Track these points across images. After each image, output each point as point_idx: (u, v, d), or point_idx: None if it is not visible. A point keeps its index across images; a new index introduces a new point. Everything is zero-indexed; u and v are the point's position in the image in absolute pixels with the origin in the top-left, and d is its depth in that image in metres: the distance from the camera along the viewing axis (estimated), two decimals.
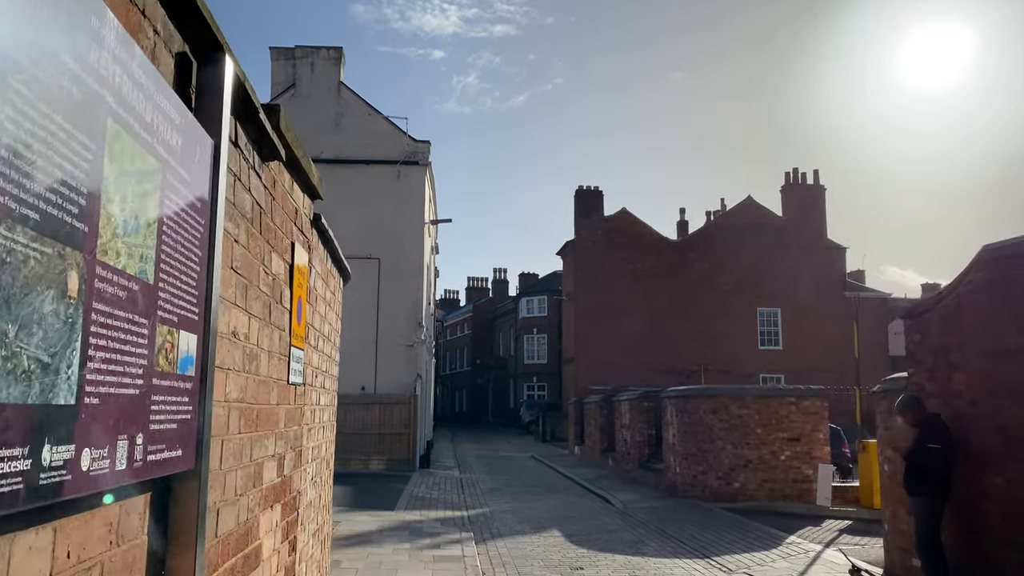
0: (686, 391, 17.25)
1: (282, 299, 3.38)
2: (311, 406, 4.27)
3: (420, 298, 24.63)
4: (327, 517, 5.25)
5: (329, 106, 25.13)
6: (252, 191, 2.81)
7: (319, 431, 4.63)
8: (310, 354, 4.18)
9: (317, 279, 4.36)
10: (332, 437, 5.41)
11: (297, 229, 3.74)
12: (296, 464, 3.81)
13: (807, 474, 15.45)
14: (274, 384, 3.24)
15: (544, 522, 13.64)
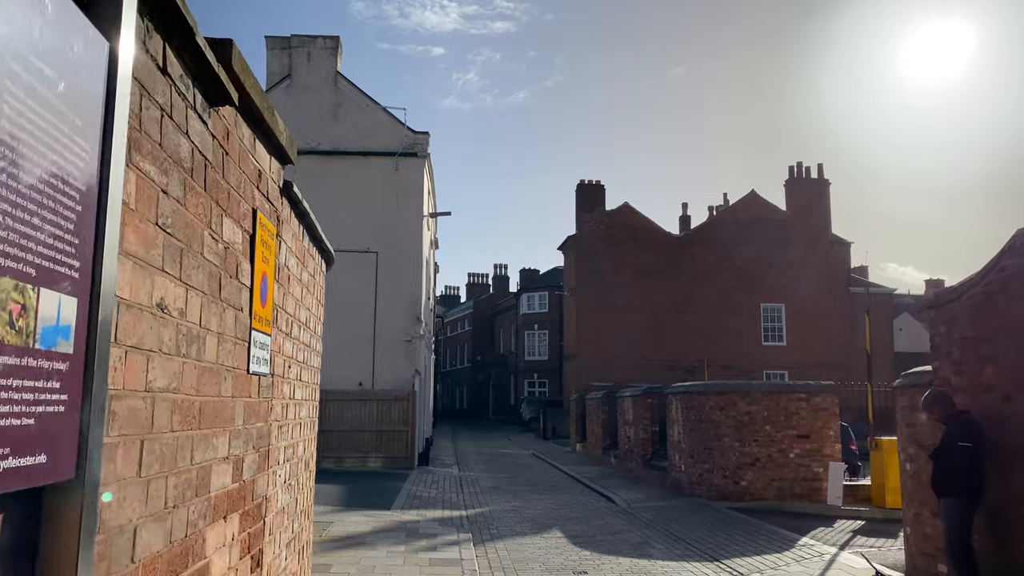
0: (692, 387, 16.75)
1: (238, 273, 2.88)
2: (283, 400, 3.76)
3: (419, 292, 24.13)
4: (306, 523, 4.75)
5: (326, 97, 24.60)
6: (192, 136, 2.31)
7: (294, 429, 4.13)
8: (280, 341, 3.68)
9: (290, 257, 3.86)
10: (312, 435, 4.91)
11: (261, 195, 3.23)
12: (261, 466, 3.30)
13: (817, 472, 14.95)
14: (228, 373, 2.74)
15: (545, 522, 13.15)
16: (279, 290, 3.61)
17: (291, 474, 4.10)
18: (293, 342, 4.04)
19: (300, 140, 23.76)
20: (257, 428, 3.22)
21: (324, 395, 21.94)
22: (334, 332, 23.08)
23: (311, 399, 4.80)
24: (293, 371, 4.07)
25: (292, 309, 3.97)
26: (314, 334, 4.81)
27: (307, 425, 4.62)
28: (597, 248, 41.22)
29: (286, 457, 3.93)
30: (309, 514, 4.87)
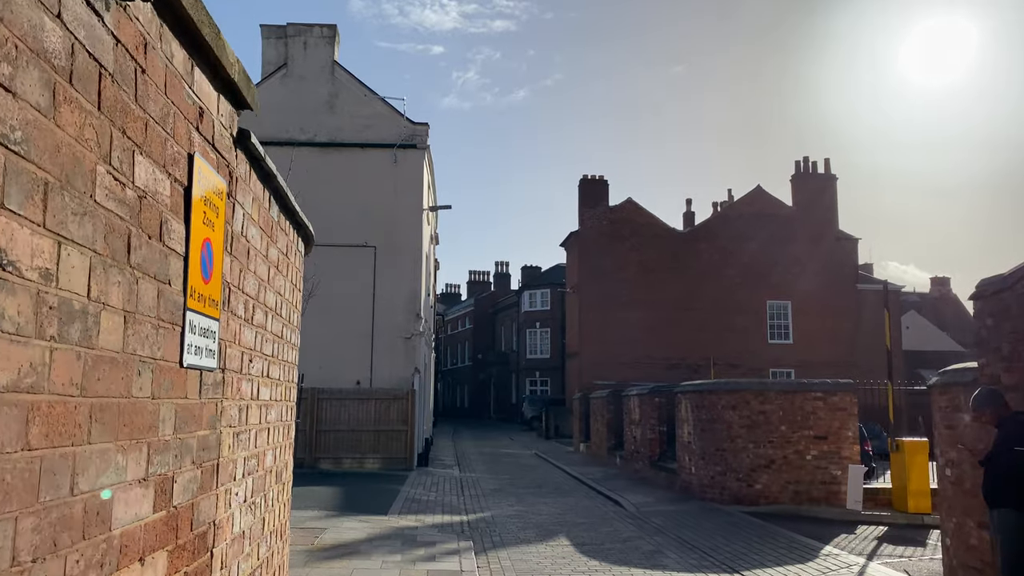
0: (702, 385, 16.05)
1: (164, 235, 2.18)
2: (240, 401, 3.06)
3: (418, 288, 23.43)
4: (279, 545, 4.05)
5: (323, 87, 23.89)
6: (70, 24, 1.61)
7: (259, 435, 3.43)
8: (236, 328, 2.98)
9: (250, 226, 3.16)
10: (287, 442, 4.21)
11: (203, 140, 2.53)
12: (206, 485, 2.60)
13: (835, 475, 14.25)
14: (144, 366, 2.04)
15: (551, 528, 12.45)
16: (233, 265, 2.90)
17: (255, 490, 3.40)
18: (256, 331, 3.34)
19: (296, 131, 23.11)
20: (198, 437, 2.52)
21: (320, 394, 21.39)
22: (331, 329, 22.47)
23: (285, 399, 4.10)
24: (257, 366, 3.37)
25: (254, 291, 3.27)
26: (288, 324, 4.11)
27: (279, 430, 3.92)
28: (600, 244, 40.51)
29: (247, 470, 3.23)
30: (283, 533, 4.17)
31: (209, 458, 2.64)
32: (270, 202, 3.53)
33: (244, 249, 3.07)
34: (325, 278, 20.26)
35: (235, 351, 2.97)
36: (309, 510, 13.10)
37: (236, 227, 2.94)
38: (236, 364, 2.99)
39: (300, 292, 4.58)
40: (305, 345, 20.84)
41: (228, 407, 2.88)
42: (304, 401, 20.59)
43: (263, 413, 3.53)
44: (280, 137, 22.29)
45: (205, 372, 2.59)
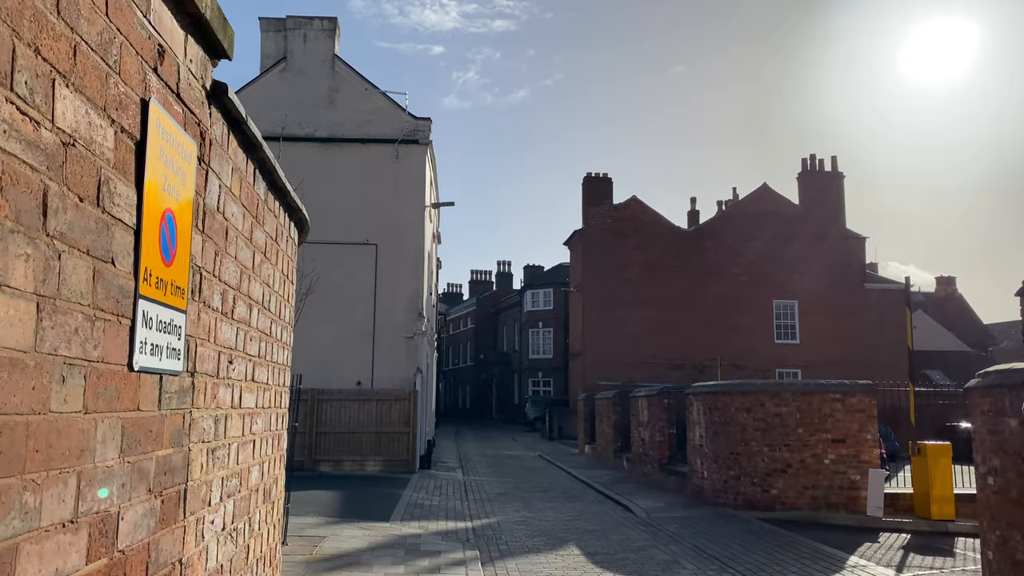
0: (715, 386, 15.53)
1: (105, 197, 1.66)
2: (216, 411, 2.55)
3: (420, 286, 22.91)
4: (268, 572, 3.53)
5: (323, 81, 23.38)
6: None
7: (241, 450, 2.91)
8: (211, 323, 2.47)
9: (229, 202, 2.64)
10: (278, 454, 3.70)
11: (163, 86, 2.01)
12: (168, 518, 2.09)
13: (854, 480, 13.73)
14: (73, 372, 1.53)
15: (560, 536, 11.94)
16: (206, 246, 2.39)
17: (237, 514, 2.89)
18: (238, 327, 2.82)
19: (295, 127, 22.61)
20: (157, 459, 2.01)
21: (320, 394, 20.86)
22: (331, 328, 21.95)
23: (274, 407, 3.58)
24: (239, 368, 2.86)
25: (235, 279, 2.76)
26: (277, 320, 3.59)
27: (267, 442, 3.41)
28: (604, 243, 39.99)
29: (226, 492, 2.71)
30: (273, 559, 3.65)
31: (173, 483, 2.13)
32: (255, 176, 3.01)
33: (221, 228, 2.55)
34: (325, 276, 19.74)
35: (209, 351, 2.46)
36: (308, 516, 12.59)
37: (210, 200, 2.42)
38: (211, 366, 2.48)
39: (293, 285, 4.06)
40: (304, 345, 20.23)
41: (200, 419, 2.36)
42: (304, 402, 20.07)
43: (247, 424, 3.02)
44: (279, 132, 21.78)
45: (167, 377, 2.08)
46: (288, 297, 3.91)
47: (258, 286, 3.13)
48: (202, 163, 2.33)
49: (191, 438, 2.28)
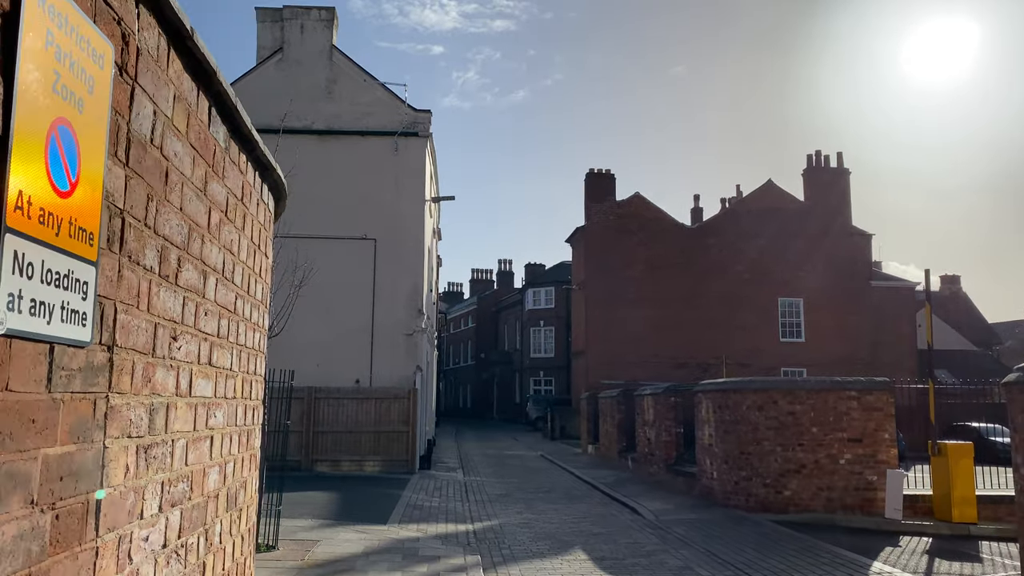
0: (725, 384, 14.98)
1: None
2: (153, 399, 2.01)
3: (420, 282, 22.38)
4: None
5: (320, 72, 22.85)
6: None
7: (192, 448, 2.38)
8: (141, 286, 1.93)
9: (169, 136, 2.10)
10: (247, 454, 3.16)
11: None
12: (68, 539, 1.56)
13: (871, 481, 13.18)
14: None
15: (565, 539, 11.40)
16: (133, 186, 1.86)
17: (187, 527, 2.35)
18: (186, 296, 2.29)
19: (293, 119, 21.98)
20: (47, 459, 1.47)
21: (317, 393, 20.31)
22: (329, 325, 21.42)
23: (241, 396, 3.04)
24: (188, 349, 2.32)
25: (180, 236, 2.22)
26: (245, 295, 3.05)
27: (231, 438, 2.87)
28: (607, 240, 39.43)
29: (169, 501, 2.18)
30: (242, 574, 3.10)
31: (75, 492, 1.60)
32: (210, 115, 2.48)
33: (157, 167, 2.02)
34: (322, 272, 19.19)
35: (140, 321, 1.92)
36: (302, 519, 12.05)
37: (140, 128, 1.89)
38: (142, 341, 1.94)
39: (268, 259, 3.53)
40: (301, 342, 19.77)
41: (124, 407, 1.83)
42: (300, 400, 19.55)
43: (201, 416, 2.48)
44: (275, 124, 21.23)
45: (64, 349, 1.54)
46: (261, 272, 3.37)
47: (216, 251, 2.59)
48: (125, 75, 1.79)
49: (108, 432, 1.75)
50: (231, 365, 2.85)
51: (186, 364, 2.31)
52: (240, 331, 2.98)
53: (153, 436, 2.04)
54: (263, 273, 3.40)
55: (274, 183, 3.48)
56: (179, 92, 2.17)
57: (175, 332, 2.20)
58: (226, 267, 2.74)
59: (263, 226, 3.35)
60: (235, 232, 2.84)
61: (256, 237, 3.22)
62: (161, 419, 2.10)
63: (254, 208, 3.14)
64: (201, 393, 2.48)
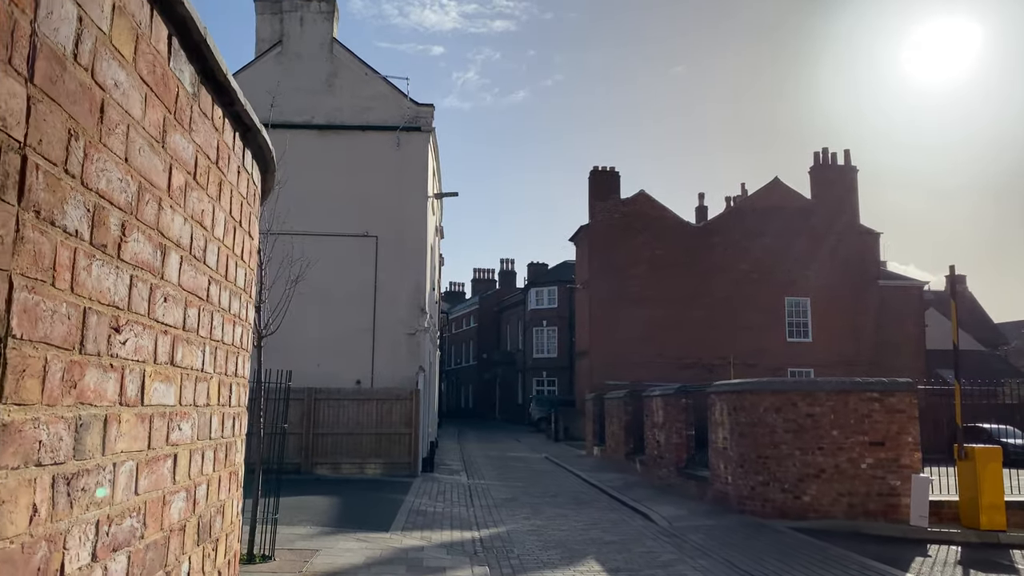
0: (741, 385, 14.44)
1: None
2: (80, 410, 1.48)
3: (423, 281, 21.85)
4: None
5: (320, 65, 22.32)
6: None
7: (143, 474, 1.84)
8: (58, 254, 1.39)
9: (106, 58, 1.57)
10: (223, 472, 2.63)
11: None
12: None
13: (894, 486, 12.64)
14: None
15: (576, 548, 10.86)
16: (36, 108, 1.32)
17: (139, 573, 1.81)
18: (133, 276, 1.75)
19: (292, 113, 21.48)
20: None
21: (317, 394, 19.75)
22: (329, 325, 20.89)
23: (218, 404, 2.51)
24: (134, 343, 1.78)
25: (124, 195, 1.68)
26: (222, 281, 2.52)
27: (202, 456, 2.34)
28: (611, 238, 38.88)
29: (106, 545, 1.64)
30: None
31: None
32: (170, 46, 1.94)
33: (86, 96, 1.48)
34: (323, 270, 18.66)
35: (55, 304, 1.39)
36: (301, 526, 11.53)
37: (55, 35, 1.35)
38: (60, 331, 1.40)
39: (253, 240, 3.00)
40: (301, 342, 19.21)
41: (27, 424, 1.29)
42: (300, 402, 19.03)
43: (158, 430, 1.95)
44: (274, 119, 20.71)
45: None
46: (244, 255, 2.84)
47: (181, 221, 2.06)
48: None
49: (5, 458, 1.21)
50: (203, 365, 2.32)
51: (135, 364, 1.78)
52: (215, 324, 2.45)
53: (81, 461, 1.50)
54: (247, 256, 2.87)
55: (259, 149, 2.95)
56: (121, 4, 1.63)
57: (118, 321, 1.67)
58: (195, 243, 2.20)
59: (246, 200, 2.82)
60: (207, 201, 2.31)
61: (237, 212, 2.69)
62: (95, 438, 1.56)
63: (234, 176, 2.61)
64: (159, 401, 1.94)
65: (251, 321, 3.01)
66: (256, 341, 9.68)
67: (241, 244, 2.75)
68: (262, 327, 9.71)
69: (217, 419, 2.50)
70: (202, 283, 2.27)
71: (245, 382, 2.94)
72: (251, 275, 2.96)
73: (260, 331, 9.65)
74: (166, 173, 1.94)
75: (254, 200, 2.99)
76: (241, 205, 2.74)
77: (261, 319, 9.64)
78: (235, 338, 2.72)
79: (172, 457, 2.05)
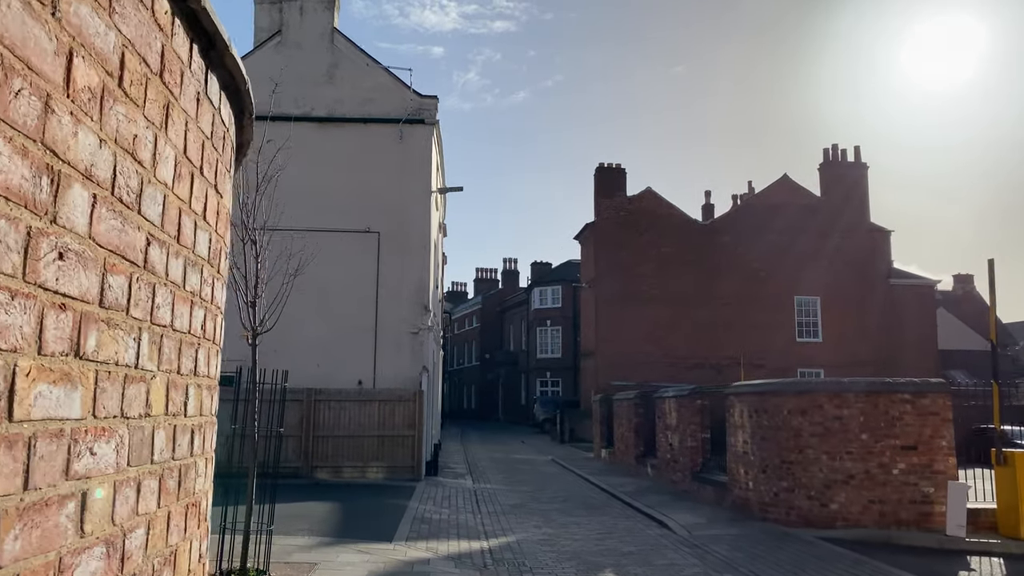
0: (763, 386, 13.74)
1: None
2: None
3: (426, 278, 21.15)
4: None
5: (321, 56, 21.63)
6: None
7: (16, 529, 1.13)
8: None
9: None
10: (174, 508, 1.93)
11: None
12: None
13: (927, 493, 11.92)
14: None
15: (593, 560, 10.15)
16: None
17: None
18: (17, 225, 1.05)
19: (292, 105, 20.79)
20: None
21: (317, 395, 19.02)
22: (329, 324, 20.19)
23: (167, 415, 1.81)
24: (18, 327, 1.08)
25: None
26: (173, 245, 1.82)
27: (137, 489, 1.64)
28: (617, 236, 38.17)
29: None
30: None
31: None
32: None
33: None
34: (323, 267, 17.99)
35: None
36: (298, 536, 10.83)
37: None
38: None
39: (222, 198, 2.30)
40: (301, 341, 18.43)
41: None
42: (299, 403, 18.35)
43: (45, 459, 1.24)
44: (273, 111, 20.04)
45: None
46: (208, 214, 2.14)
47: (90, 140, 1.36)
48: None
49: None
50: (137, 359, 1.62)
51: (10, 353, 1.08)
52: (159, 302, 1.75)
53: None
54: (212, 218, 2.17)
55: (230, 79, 2.25)
56: None
57: None
58: (122, 181, 1.51)
59: (211, 143, 2.12)
60: (145, 126, 1.61)
61: (196, 154, 1.99)
62: None
63: (190, 104, 1.91)
64: (48, 414, 1.24)
65: (220, 304, 2.32)
66: (251, 339, 9.01)
67: (203, 199, 2.05)
68: (257, 324, 9.03)
69: (164, 435, 1.80)
70: (134, 241, 1.58)
71: (212, 384, 2.25)
72: (220, 245, 2.27)
73: (255, 328, 8.98)
74: (60, 58, 1.24)
75: (224, 147, 2.30)
76: (203, 147, 2.04)
77: (256, 315, 8.98)
78: (193, 324, 2.03)
79: (77, 497, 1.35)
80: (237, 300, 8.78)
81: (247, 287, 8.89)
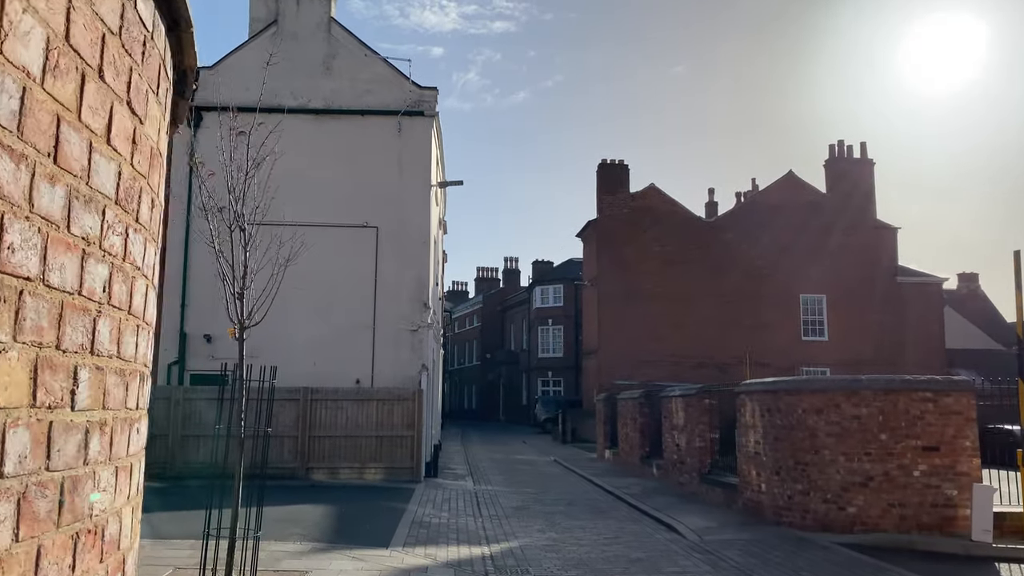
0: (776, 384, 13.18)
1: None
2: None
3: (426, 275, 20.60)
4: None
5: (318, 46, 21.09)
6: None
7: None
8: None
9: None
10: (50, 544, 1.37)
11: None
12: None
13: (950, 496, 11.37)
14: None
15: (601, 568, 9.60)
16: None
17: None
18: None
19: (288, 97, 20.24)
20: None
21: (313, 394, 18.43)
22: (326, 321, 19.65)
23: (33, 407, 1.26)
24: None
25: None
26: (44, 164, 1.27)
27: None
28: (620, 234, 37.60)
29: None
30: None
31: None
32: None
33: None
34: (320, 263, 17.48)
35: None
36: (290, 541, 10.29)
37: None
38: None
39: (146, 131, 1.75)
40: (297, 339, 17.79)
41: None
42: (295, 403, 17.82)
43: None
44: (269, 103, 19.48)
45: None
46: (114, 137, 1.59)
47: None
48: None
49: None
50: None
51: None
52: (14, 241, 1.20)
53: None
54: (123, 146, 1.62)
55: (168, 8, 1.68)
56: None
57: None
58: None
59: (116, 37, 1.57)
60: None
61: (87, 46, 1.44)
62: None
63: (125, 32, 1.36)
64: None
65: (141, 264, 1.77)
66: (238, 333, 8.45)
67: (104, 115, 1.50)
68: (244, 317, 8.48)
69: (27, 436, 1.25)
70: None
71: (127, 368, 1.70)
72: (139, 185, 1.72)
73: (242, 322, 8.42)
74: None
75: (145, 58, 1.75)
76: (103, 42, 1.50)
77: (244, 308, 8.42)
78: (85, 281, 1.47)
79: None
80: (224, 292, 8.23)
81: (234, 277, 8.33)
